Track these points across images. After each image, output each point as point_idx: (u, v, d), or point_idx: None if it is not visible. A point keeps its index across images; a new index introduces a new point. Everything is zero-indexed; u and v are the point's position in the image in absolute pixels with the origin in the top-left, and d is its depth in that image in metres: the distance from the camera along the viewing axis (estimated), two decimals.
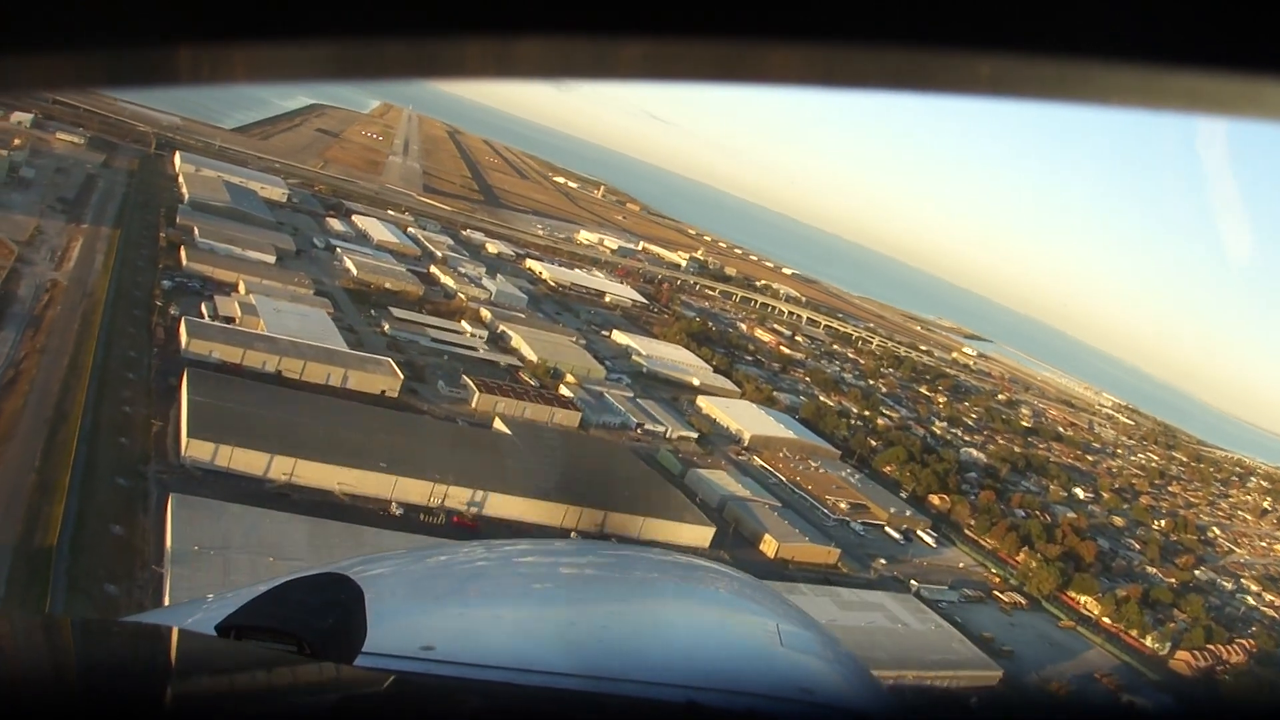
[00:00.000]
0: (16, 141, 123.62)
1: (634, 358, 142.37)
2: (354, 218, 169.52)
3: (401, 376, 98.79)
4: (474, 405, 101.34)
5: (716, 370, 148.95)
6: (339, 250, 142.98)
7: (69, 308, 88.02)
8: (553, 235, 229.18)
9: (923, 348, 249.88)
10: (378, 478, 75.57)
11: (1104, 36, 1.44)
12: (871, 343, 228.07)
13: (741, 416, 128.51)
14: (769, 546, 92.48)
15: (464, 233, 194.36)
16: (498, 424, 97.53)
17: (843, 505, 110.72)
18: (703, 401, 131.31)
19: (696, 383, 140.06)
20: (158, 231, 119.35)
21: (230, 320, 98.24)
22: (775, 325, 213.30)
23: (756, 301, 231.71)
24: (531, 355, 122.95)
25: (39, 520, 57.23)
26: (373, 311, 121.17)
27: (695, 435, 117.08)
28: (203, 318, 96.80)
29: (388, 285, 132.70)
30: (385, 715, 2.69)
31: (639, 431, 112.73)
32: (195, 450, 71.01)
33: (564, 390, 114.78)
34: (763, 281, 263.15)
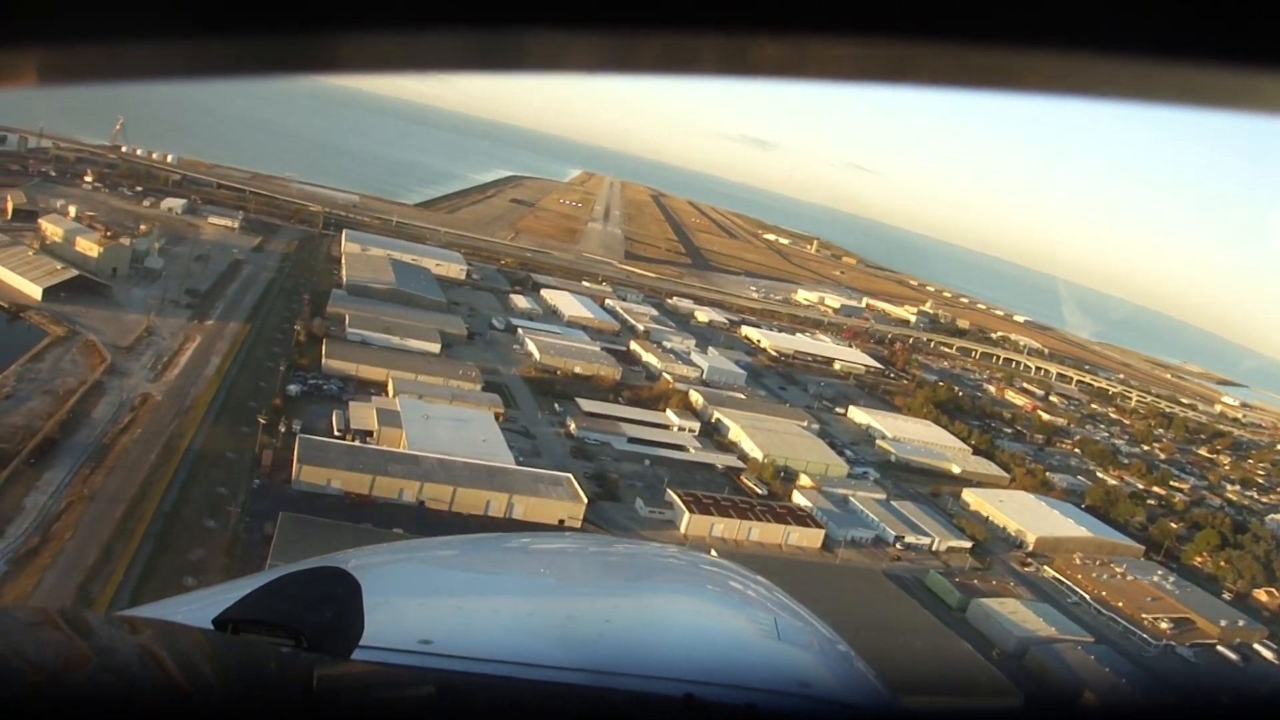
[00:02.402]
0: (143, 228, 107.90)
1: (879, 442, 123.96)
2: (543, 292, 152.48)
3: (585, 499, 75.36)
4: (683, 529, 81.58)
5: (976, 450, 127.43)
6: (521, 331, 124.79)
7: (152, 431, 67.99)
8: (768, 297, 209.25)
9: (1184, 400, 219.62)
10: None
11: (1097, 29, 1.43)
12: (1131, 399, 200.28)
13: (1019, 512, 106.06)
14: None
15: (670, 300, 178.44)
16: (714, 556, 71.66)
17: (1164, 625, 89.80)
18: (969, 495, 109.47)
19: (957, 470, 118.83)
20: (298, 324, 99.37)
21: (366, 435, 76.52)
22: (1025, 384, 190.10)
23: (998, 357, 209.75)
24: (755, 451, 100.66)
25: None
26: (556, 406, 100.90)
27: (968, 545, 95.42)
28: (331, 433, 75.16)
29: (578, 369, 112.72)
30: (383, 709, 2.72)
31: (898, 547, 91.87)
32: None
33: (798, 496, 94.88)
34: (998, 333, 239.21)
